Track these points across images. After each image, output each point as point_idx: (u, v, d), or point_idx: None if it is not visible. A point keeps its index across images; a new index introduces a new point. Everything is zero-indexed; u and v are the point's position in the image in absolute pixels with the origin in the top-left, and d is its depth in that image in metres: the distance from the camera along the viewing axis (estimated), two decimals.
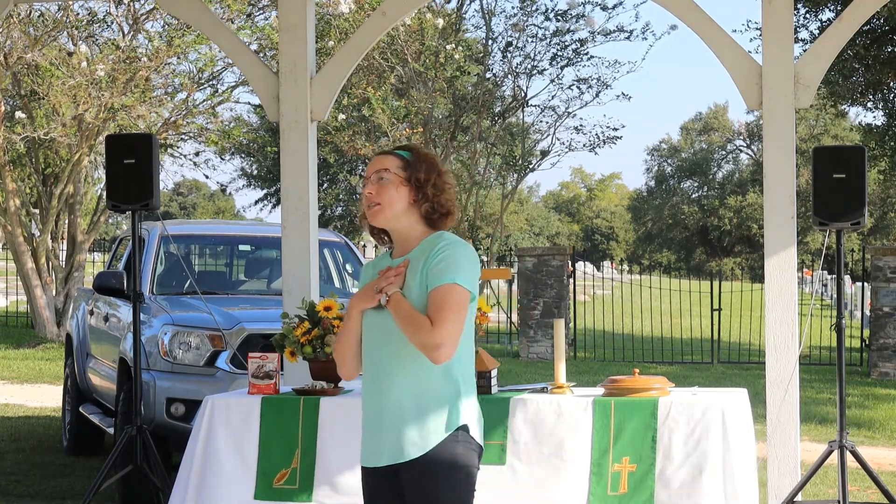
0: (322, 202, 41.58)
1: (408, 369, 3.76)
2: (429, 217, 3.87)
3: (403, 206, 3.85)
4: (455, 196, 3.95)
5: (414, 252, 3.86)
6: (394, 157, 3.91)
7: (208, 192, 76.47)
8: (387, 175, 3.86)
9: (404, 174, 3.86)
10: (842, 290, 6.57)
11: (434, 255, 3.77)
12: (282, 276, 7.53)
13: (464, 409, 3.76)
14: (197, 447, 5.78)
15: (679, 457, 5.31)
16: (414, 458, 3.72)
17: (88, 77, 18.02)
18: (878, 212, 54.22)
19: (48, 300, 20.48)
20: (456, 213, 3.92)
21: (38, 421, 12.13)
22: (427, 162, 3.91)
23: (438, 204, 3.86)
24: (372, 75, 21.17)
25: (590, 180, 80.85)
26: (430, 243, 3.83)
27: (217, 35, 7.82)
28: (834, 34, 6.73)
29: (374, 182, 3.87)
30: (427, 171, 3.87)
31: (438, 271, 3.74)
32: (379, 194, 3.85)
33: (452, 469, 3.71)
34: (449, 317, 3.69)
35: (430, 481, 3.70)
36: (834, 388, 11.40)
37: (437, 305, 3.70)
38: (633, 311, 22.70)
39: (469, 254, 3.81)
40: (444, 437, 3.72)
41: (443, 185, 3.89)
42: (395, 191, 3.84)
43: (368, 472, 3.87)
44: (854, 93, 20.90)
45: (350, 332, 3.89)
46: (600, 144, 23.86)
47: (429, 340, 3.67)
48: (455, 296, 3.72)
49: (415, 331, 3.69)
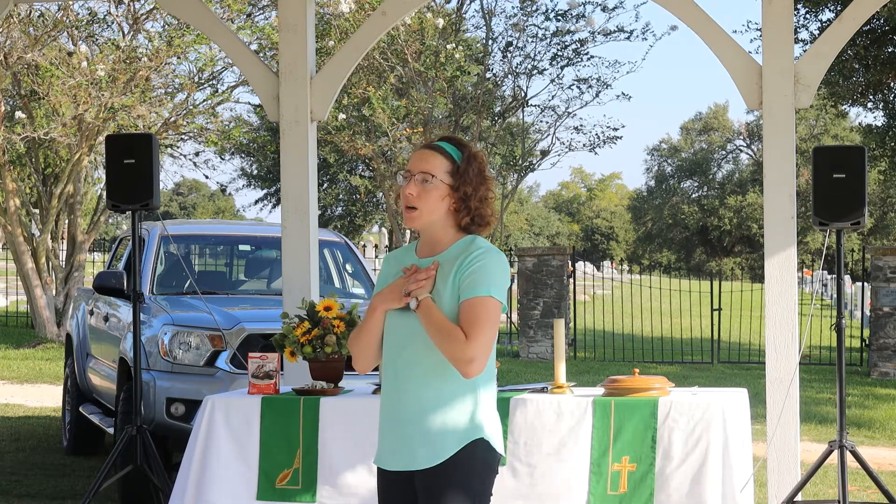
0: (322, 202, 41.58)
1: (431, 376, 3.67)
2: (467, 227, 3.75)
3: (442, 213, 3.72)
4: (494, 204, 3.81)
5: (445, 255, 3.73)
6: (443, 157, 3.72)
7: (208, 192, 76.46)
8: (432, 181, 3.69)
9: (451, 182, 3.70)
10: (842, 290, 6.57)
11: (468, 263, 3.66)
12: (282, 276, 7.53)
13: (483, 419, 3.69)
14: (197, 447, 5.78)
15: (679, 456, 5.31)
16: (430, 466, 3.65)
17: (88, 77, 18.02)
18: (878, 212, 54.21)
19: (48, 300, 20.48)
20: (495, 222, 3.80)
21: (38, 421, 12.13)
22: (477, 169, 3.73)
23: (479, 216, 3.73)
24: (372, 75, 21.17)
25: (590, 180, 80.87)
26: (463, 248, 3.71)
27: (217, 35, 7.82)
28: (834, 34, 6.73)
29: (417, 183, 3.70)
30: (476, 182, 3.71)
31: (473, 281, 3.64)
32: (420, 198, 3.69)
33: (468, 479, 3.64)
34: (483, 331, 3.61)
35: (444, 490, 3.63)
36: (834, 388, 11.41)
37: (472, 319, 3.61)
38: (633, 311, 22.70)
39: (503, 263, 3.71)
40: (462, 447, 3.64)
41: (486, 196, 3.74)
42: (437, 198, 3.69)
43: (384, 473, 3.79)
44: (854, 93, 20.89)
45: (372, 331, 3.76)
46: (600, 144, 23.87)
47: (462, 354, 3.59)
48: (490, 309, 3.63)
49: (448, 342, 3.60)
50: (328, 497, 5.63)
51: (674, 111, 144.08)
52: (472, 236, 3.75)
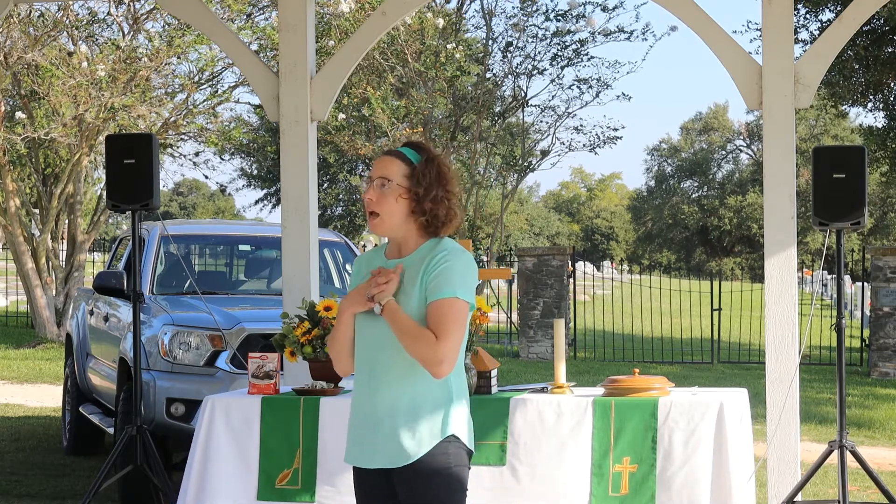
0: (322, 202, 41.61)
1: (403, 376, 3.75)
2: (425, 228, 3.82)
3: (402, 217, 3.80)
4: (457, 203, 3.86)
5: (411, 257, 3.82)
6: (400, 162, 3.81)
7: (208, 192, 76.46)
8: (389, 185, 3.78)
9: (406, 184, 3.78)
10: (842, 290, 6.57)
11: (434, 265, 3.74)
12: (282, 276, 7.53)
13: (455, 416, 3.77)
14: (198, 447, 5.78)
15: (679, 457, 5.31)
16: (407, 463, 3.73)
17: (88, 77, 18.01)
18: (878, 212, 54.22)
19: (48, 300, 20.48)
20: (456, 220, 3.85)
21: (38, 421, 12.13)
22: (433, 171, 3.81)
23: (434, 217, 3.80)
24: (372, 75, 21.17)
25: (590, 180, 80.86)
26: (429, 250, 3.80)
27: (217, 35, 7.82)
28: (834, 34, 6.73)
29: (375, 188, 3.80)
30: (429, 184, 3.78)
31: (439, 283, 3.72)
32: (378, 203, 3.79)
33: (446, 473, 3.74)
34: (451, 332, 3.68)
35: (423, 485, 3.73)
36: (834, 388, 11.40)
37: (439, 320, 3.69)
38: (633, 311, 22.70)
39: (468, 263, 3.78)
40: (436, 443, 3.73)
41: (444, 196, 3.81)
42: (394, 202, 3.78)
43: (360, 472, 3.87)
44: (854, 93, 20.88)
45: (342, 334, 3.86)
46: (600, 144, 23.87)
47: (432, 356, 3.66)
48: (456, 310, 3.71)
49: (416, 345, 3.68)
50: (328, 497, 5.64)
51: (674, 111, 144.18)
52: (439, 238, 3.83)
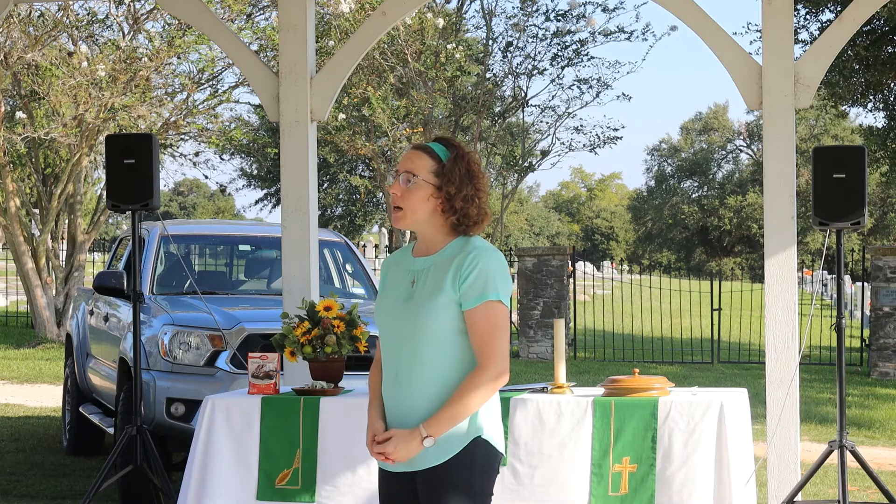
0: (322, 202, 41.62)
1: (431, 377, 3.66)
2: (458, 227, 3.73)
3: (428, 213, 3.70)
4: (487, 201, 3.78)
5: (439, 255, 3.72)
6: (429, 157, 3.71)
7: (208, 192, 76.45)
8: (415, 180, 3.68)
9: (435, 182, 3.69)
10: (842, 290, 6.57)
11: (467, 266, 3.65)
12: (282, 276, 7.53)
13: (484, 419, 3.69)
14: (198, 447, 5.78)
15: (679, 457, 5.31)
16: (432, 466, 3.65)
17: (88, 77, 18.02)
18: (878, 212, 54.23)
19: (48, 300, 20.48)
20: (487, 219, 3.76)
21: (38, 421, 12.13)
22: (462, 168, 3.71)
23: (465, 216, 3.70)
24: (372, 75, 21.18)
25: (590, 180, 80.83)
26: (459, 248, 3.71)
27: (217, 35, 7.82)
28: (834, 34, 6.73)
29: (401, 183, 3.70)
30: (461, 181, 3.68)
31: (477, 288, 3.63)
32: (404, 198, 3.69)
33: (470, 478, 3.64)
34: (497, 340, 3.63)
35: (446, 490, 3.63)
36: (834, 388, 11.41)
37: (485, 330, 3.62)
38: (633, 311, 22.70)
39: (501, 263, 3.70)
40: (463, 447, 3.65)
41: (475, 195, 3.71)
42: (421, 198, 3.68)
43: (385, 473, 3.80)
44: (854, 93, 20.87)
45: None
46: (600, 144, 23.88)
47: (492, 383, 3.61)
48: (499, 316, 3.65)
49: (476, 400, 3.60)
50: (328, 497, 5.64)
51: (674, 111, 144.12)
52: (468, 237, 3.74)
